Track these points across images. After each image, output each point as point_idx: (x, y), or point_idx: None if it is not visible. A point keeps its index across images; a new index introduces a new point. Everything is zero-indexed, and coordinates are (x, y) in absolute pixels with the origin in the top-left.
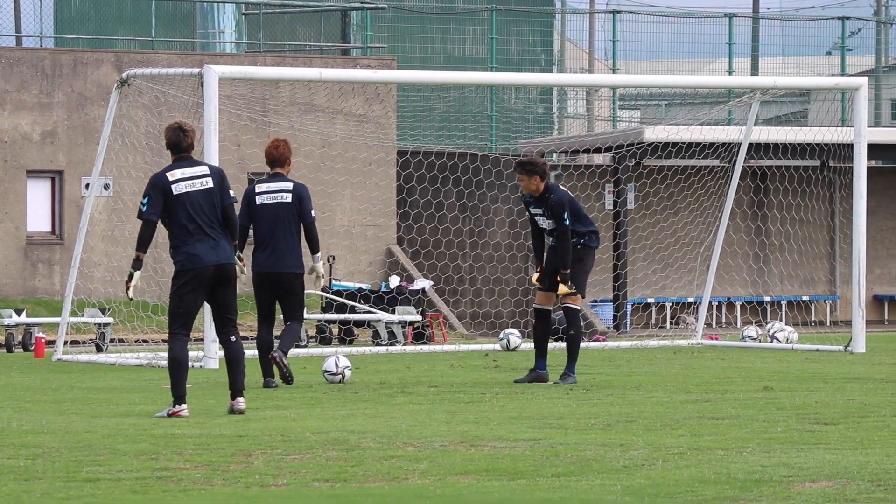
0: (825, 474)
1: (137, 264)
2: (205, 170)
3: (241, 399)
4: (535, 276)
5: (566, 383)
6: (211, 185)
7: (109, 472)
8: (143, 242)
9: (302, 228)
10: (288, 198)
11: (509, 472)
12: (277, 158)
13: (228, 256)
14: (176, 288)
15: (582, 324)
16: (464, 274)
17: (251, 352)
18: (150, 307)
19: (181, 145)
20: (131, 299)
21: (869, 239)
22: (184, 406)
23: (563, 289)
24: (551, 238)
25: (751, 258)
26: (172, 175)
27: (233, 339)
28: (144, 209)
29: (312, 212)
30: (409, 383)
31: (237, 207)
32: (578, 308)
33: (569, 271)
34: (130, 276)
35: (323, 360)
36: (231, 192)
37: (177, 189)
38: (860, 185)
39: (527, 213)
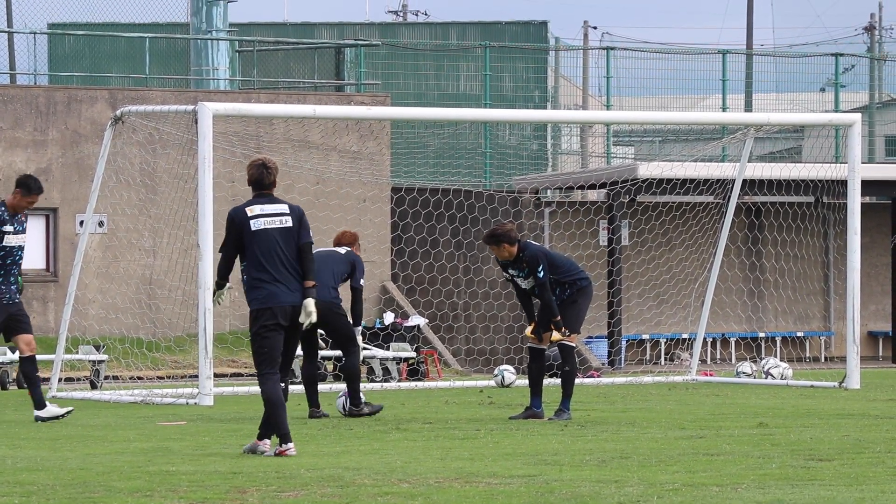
0: None
1: (219, 286)
2: (284, 208)
3: (267, 442)
4: (529, 329)
5: (561, 419)
6: (290, 224)
7: None
8: (219, 273)
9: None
10: (342, 251)
11: None
12: (345, 241)
13: (302, 298)
14: (256, 329)
15: (577, 360)
16: (458, 310)
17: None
18: (143, 344)
19: (264, 182)
20: (218, 304)
21: (863, 275)
22: (290, 445)
23: (556, 335)
24: (535, 296)
25: (745, 294)
26: (251, 210)
27: (281, 384)
28: (224, 242)
29: (362, 280)
30: (404, 420)
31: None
32: (574, 345)
33: (559, 318)
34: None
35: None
36: (310, 232)
37: (255, 225)
38: (854, 221)
39: (505, 276)
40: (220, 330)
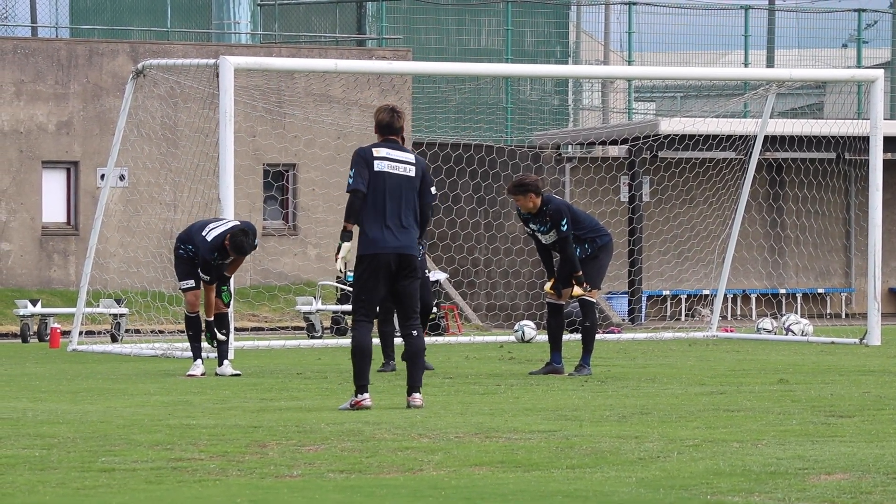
0: (840, 467)
1: (346, 235)
2: (410, 157)
3: (417, 395)
4: (549, 285)
5: (581, 375)
6: (413, 174)
7: (124, 463)
8: (352, 213)
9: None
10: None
11: (524, 464)
12: None
13: (411, 246)
14: (358, 273)
15: (597, 316)
16: (479, 266)
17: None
18: (165, 297)
19: (393, 126)
20: (341, 271)
21: (885, 231)
22: (366, 395)
23: (577, 290)
24: (556, 251)
25: (766, 250)
26: (378, 151)
27: (414, 333)
28: (352, 181)
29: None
30: (424, 374)
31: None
32: (594, 300)
33: (580, 273)
34: (339, 248)
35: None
36: (433, 190)
37: (378, 166)
38: (876, 177)
39: (527, 231)
40: (241, 284)
